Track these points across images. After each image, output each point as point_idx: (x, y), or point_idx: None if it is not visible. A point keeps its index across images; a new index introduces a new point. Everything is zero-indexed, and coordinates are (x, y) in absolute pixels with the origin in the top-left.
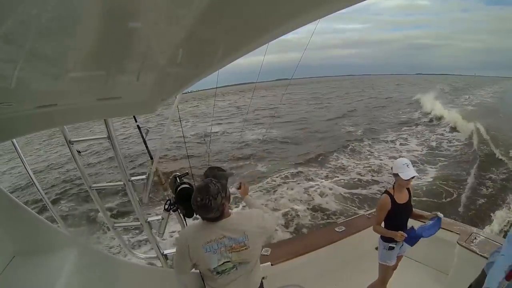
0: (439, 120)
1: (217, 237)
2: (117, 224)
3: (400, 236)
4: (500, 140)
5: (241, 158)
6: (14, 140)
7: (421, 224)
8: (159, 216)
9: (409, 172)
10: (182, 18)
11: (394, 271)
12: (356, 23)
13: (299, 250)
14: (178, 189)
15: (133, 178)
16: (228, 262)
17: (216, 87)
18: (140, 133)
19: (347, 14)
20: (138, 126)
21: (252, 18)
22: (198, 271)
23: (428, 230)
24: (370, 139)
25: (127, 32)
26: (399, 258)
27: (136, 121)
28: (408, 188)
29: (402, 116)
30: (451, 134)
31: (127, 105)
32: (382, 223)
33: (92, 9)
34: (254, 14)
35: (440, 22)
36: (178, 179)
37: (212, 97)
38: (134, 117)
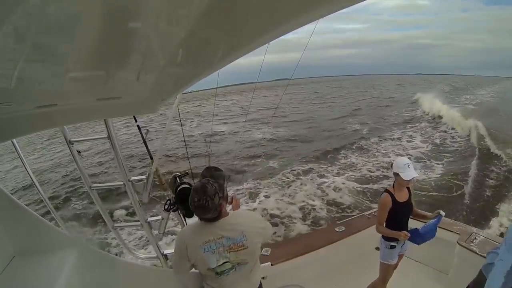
0: (440, 118)
1: (215, 237)
2: (117, 224)
3: (404, 236)
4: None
5: (253, 156)
6: (14, 140)
7: (423, 224)
8: (159, 216)
9: (410, 172)
10: (182, 18)
11: (394, 270)
12: (356, 23)
13: (299, 250)
14: (178, 189)
15: (133, 178)
16: (227, 262)
17: (216, 87)
18: (140, 133)
19: (347, 14)
20: (138, 126)
21: (252, 18)
22: (198, 271)
23: (431, 230)
24: (376, 136)
25: (127, 32)
26: (400, 257)
27: (136, 121)
28: (408, 187)
29: (406, 114)
30: (453, 131)
31: (127, 105)
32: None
33: (92, 9)
34: (254, 14)
35: (440, 22)
36: (178, 179)
37: (214, 96)
38: (134, 117)
